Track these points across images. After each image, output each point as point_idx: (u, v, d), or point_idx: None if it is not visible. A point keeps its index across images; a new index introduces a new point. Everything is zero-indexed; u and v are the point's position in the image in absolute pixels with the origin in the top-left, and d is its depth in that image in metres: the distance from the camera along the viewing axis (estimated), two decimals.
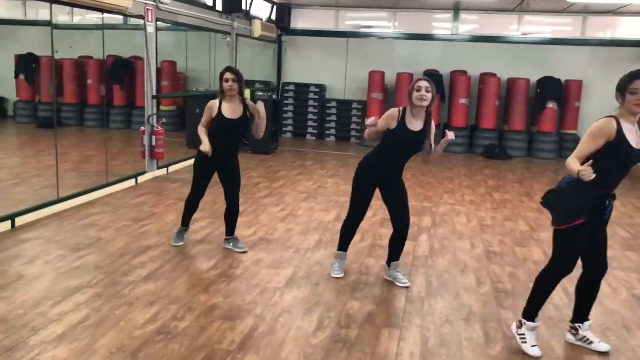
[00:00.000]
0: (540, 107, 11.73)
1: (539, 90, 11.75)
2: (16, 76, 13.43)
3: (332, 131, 13.17)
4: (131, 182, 7.42)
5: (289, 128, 13.26)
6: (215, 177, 4.93)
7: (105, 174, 7.21)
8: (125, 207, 6.37)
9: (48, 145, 10.38)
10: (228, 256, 4.93)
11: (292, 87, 13.30)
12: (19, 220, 5.47)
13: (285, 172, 8.94)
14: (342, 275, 4.54)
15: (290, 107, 13.23)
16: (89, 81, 13.22)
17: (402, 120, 4.09)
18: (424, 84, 4.04)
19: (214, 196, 6.26)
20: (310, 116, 13.24)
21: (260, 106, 4.68)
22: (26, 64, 13.32)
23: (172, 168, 8.49)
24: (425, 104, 4.04)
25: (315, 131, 13.26)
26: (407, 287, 4.41)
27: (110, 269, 4.47)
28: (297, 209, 6.65)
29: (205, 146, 4.66)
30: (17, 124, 13.24)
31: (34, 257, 4.64)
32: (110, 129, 12.69)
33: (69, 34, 13.04)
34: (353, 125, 13.01)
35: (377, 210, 6.62)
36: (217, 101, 4.73)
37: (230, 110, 4.71)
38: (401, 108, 4.15)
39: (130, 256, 4.78)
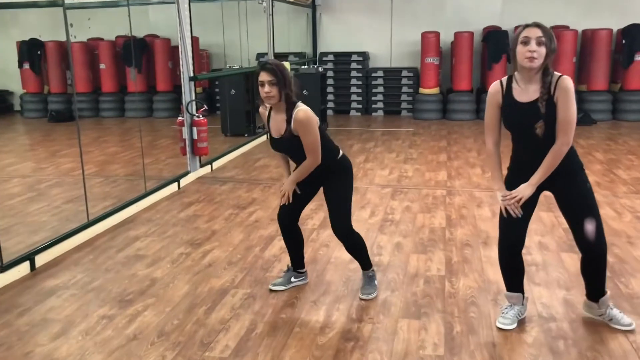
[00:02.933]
0: (627, 61, 10.06)
1: (624, 41, 10.07)
2: (20, 65, 11.94)
3: (380, 105, 11.58)
4: (173, 187, 5.97)
5: (330, 105, 11.64)
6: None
7: (141, 179, 5.76)
8: (175, 225, 4.92)
9: (64, 144, 8.96)
10: (338, 298, 3.48)
11: (330, 57, 11.68)
12: (40, 259, 4.04)
13: (350, 159, 7.42)
14: (514, 326, 3.09)
15: (330, 81, 11.58)
16: (102, 66, 11.71)
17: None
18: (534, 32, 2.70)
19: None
20: (353, 89, 11.64)
21: (300, 122, 3.14)
22: (31, 51, 11.82)
23: (215, 164, 7.04)
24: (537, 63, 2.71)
25: (360, 106, 11.68)
26: (631, 331, 2.98)
27: (182, 337, 3.03)
28: (392, 212, 5.17)
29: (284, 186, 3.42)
30: (26, 120, 11.80)
31: (67, 324, 3.21)
32: (129, 119, 11.23)
33: (74, 14, 11.51)
34: (404, 97, 11.42)
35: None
36: (267, 109, 3.33)
37: (275, 125, 3.27)
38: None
39: (204, 310, 3.35)
